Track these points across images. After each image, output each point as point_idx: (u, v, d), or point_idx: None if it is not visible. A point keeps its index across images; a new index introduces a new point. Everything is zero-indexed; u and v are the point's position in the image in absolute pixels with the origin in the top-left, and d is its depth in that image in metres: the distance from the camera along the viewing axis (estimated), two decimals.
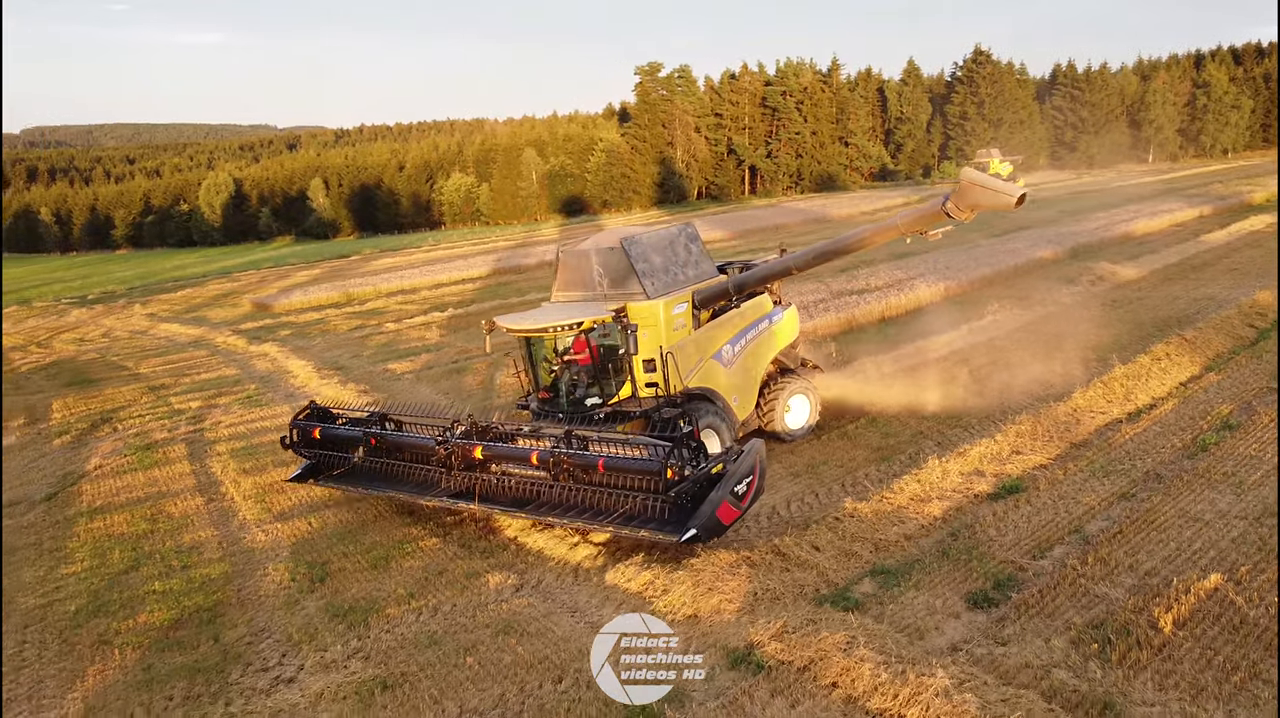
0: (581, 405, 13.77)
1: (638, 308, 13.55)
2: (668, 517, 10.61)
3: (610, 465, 11.10)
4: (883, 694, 7.88)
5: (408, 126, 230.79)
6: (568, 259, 14.73)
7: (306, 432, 14.62)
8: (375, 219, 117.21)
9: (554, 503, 11.74)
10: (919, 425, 15.83)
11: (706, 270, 15.29)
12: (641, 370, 13.68)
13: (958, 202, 11.52)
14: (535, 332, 13.71)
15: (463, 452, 12.48)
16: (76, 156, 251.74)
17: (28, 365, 34.87)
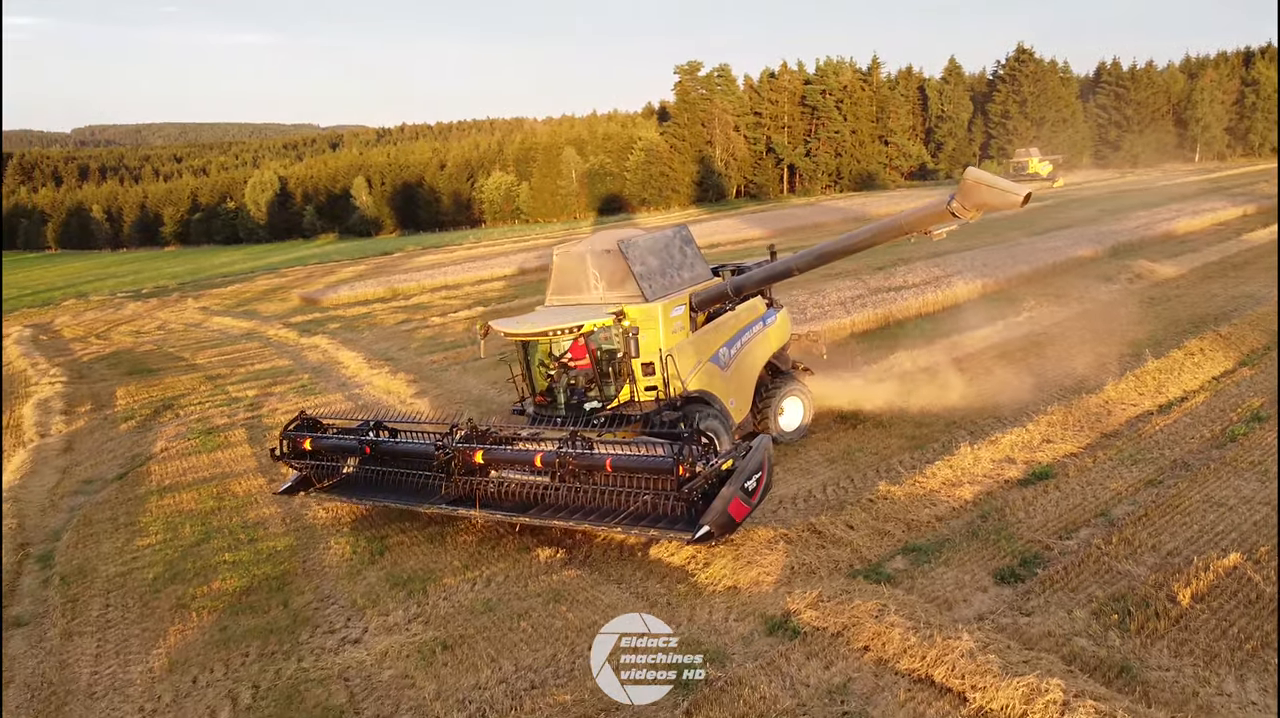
0: (580, 410, 13.63)
1: (636, 311, 13.42)
2: (680, 515, 10.58)
3: (618, 465, 11.01)
4: (911, 656, 8.42)
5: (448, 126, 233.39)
6: (562, 263, 14.57)
7: (296, 443, 14.22)
8: (417, 217, 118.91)
9: (558, 506, 11.62)
10: (952, 416, 16.26)
11: (702, 273, 15.24)
12: (641, 373, 13.58)
13: (963, 200, 11.37)
14: (533, 335, 13.57)
15: (463, 457, 12.30)
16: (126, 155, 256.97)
17: (89, 355, 36.22)
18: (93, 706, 9.76)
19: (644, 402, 13.54)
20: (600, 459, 11.12)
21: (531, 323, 13.67)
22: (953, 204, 11.48)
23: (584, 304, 14.00)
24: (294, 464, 14.26)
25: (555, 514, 11.57)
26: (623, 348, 13.28)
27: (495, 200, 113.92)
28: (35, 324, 49.03)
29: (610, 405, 13.57)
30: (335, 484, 14.07)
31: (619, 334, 13.24)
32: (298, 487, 14.26)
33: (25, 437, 22.30)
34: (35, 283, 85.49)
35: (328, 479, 14.09)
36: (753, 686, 8.43)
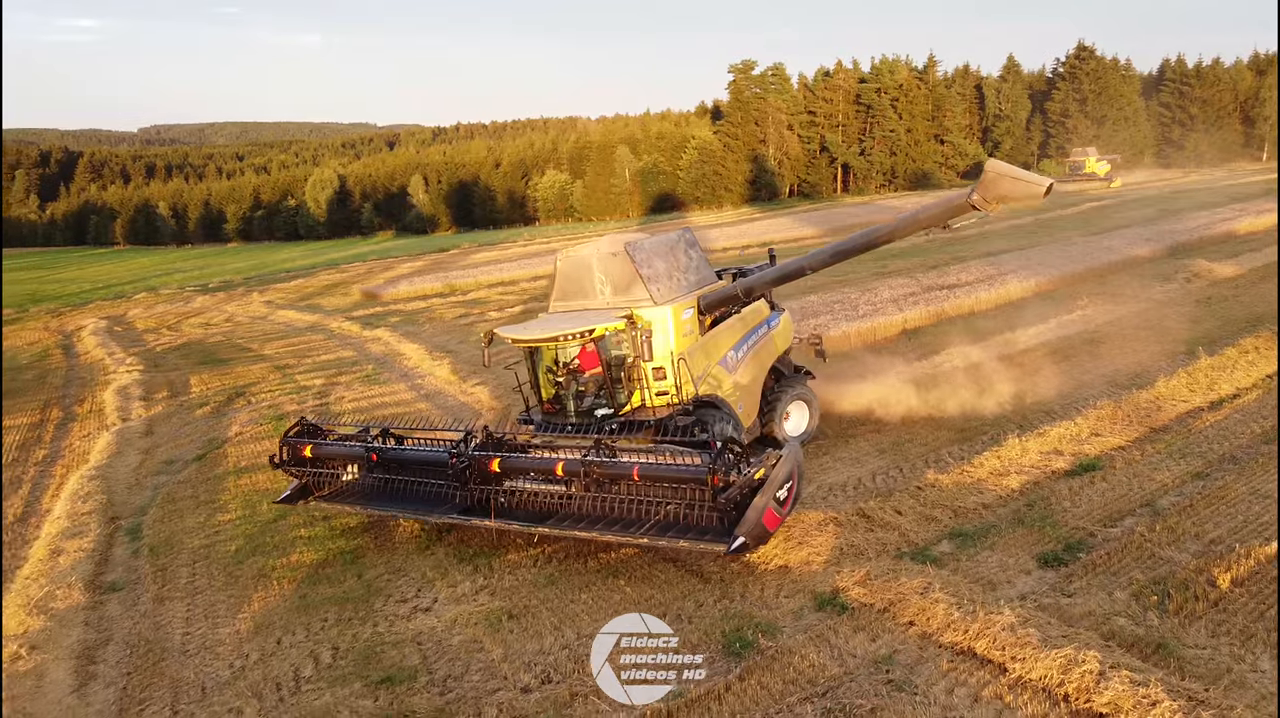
0: (590, 417, 13.36)
1: (646, 315, 13.14)
2: (711, 525, 10.23)
3: (646, 474, 10.63)
4: (954, 630, 8.83)
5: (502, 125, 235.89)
6: (567, 268, 14.25)
7: (297, 449, 13.85)
8: (472, 215, 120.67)
9: (578, 515, 11.28)
10: (1001, 409, 16.52)
11: (707, 276, 15.01)
12: (652, 378, 13.32)
13: (984, 193, 11.06)
14: (543, 341, 13.23)
15: (479, 465, 11.89)
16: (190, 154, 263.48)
17: (162, 346, 37.68)
18: (186, 662, 10.54)
19: (656, 407, 13.26)
20: (627, 467, 10.77)
21: (539, 329, 13.32)
22: (973, 197, 11.18)
23: (590, 309, 13.69)
24: (293, 472, 13.82)
25: (576, 524, 11.21)
26: (633, 352, 13.00)
27: (549, 199, 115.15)
28: (109, 316, 50.96)
29: (622, 412, 13.25)
30: (336, 493, 13.65)
31: (633, 338, 12.84)
32: (297, 495, 13.82)
33: (108, 420, 23.46)
34: (106, 277, 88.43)
35: (328, 487, 13.68)
36: (802, 654, 8.92)
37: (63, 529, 15.08)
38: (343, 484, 13.65)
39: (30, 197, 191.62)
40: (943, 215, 12.16)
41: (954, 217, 12.04)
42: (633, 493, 10.79)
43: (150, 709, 9.57)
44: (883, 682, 8.35)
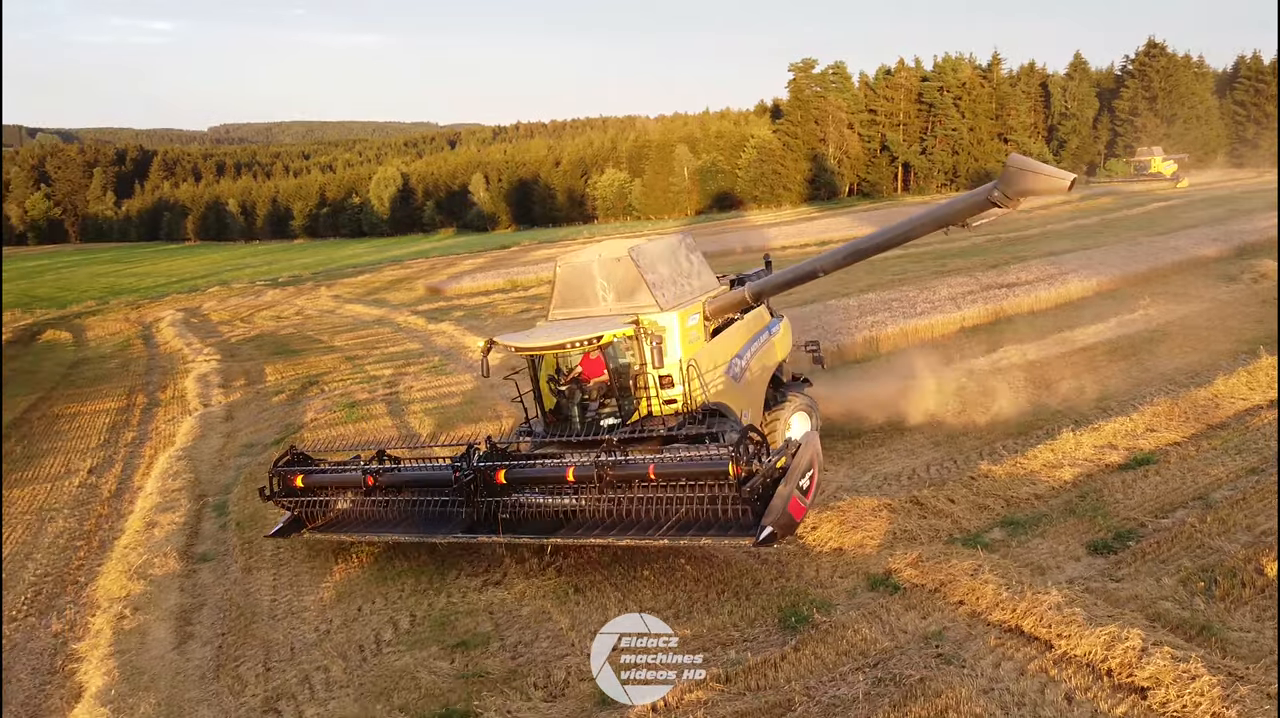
0: (596, 427, 12.88)
1: (651, 321, 12.78)
2: (734, 518, 9.92)
3: (664, 471, 10.33)
4: (1003, 609, 9.20)
5: (562, 124, 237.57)
6: (567, 274, 13.86)
7: (288, 480, 13.11)
8: (532, 213, 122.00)
9: (592, 522, 10.96)
10: (1058, 405, 16.69)
11: (709, 281, 14.67)
12: (658, 386, 12.91)
13: (1005, 189, 10.65)
14: (549, 349, 12.76)
15: (483, 478, 11.44)
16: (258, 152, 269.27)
17: (236, 337, 39.14)
18: (275, 626, 11.31)
19: (664, 415, 12.84)
20: (642, 466, 10.48)
21: (543, 336, 12.86)
22: (995, 193, 10.78)
23: (591, 317, 13.32)
24: (285, 504, 13.12)
25: (591, 531, 10.84)
26: (638, 359, 12.73)
27: (608, 197, 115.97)
28: (185, 309, 52.88)
29: (630, 420, 12.88)
30: (331, 522, 13.10)
31: (645, 344, 12.52)
32: (289, 528, 13.11)
33: (190, 406, 24.65)
34: (180, 272, 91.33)
35: (320, 517, 13.11)
36: (855, 628, 9.36)
37: (155, 504, 16.08)
38: (338, 513, 13.07)
39: (107, 194, 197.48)
40: (963, 212, 11.66)
41: (975, 213, 11.52)
42: (649, 493, 10.45)
43: (245, 666, 10.34)
44: (932, 655, 8.76)
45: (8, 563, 14.42)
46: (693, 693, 8.55)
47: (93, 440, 22.22)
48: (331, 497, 13.07)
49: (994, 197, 10.79)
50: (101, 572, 13.47)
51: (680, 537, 10.19)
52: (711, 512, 10.03)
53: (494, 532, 11.43)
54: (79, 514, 16.50)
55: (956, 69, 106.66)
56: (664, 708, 8.42)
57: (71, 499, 17.54)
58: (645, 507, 10.50)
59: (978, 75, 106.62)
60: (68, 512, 16.76)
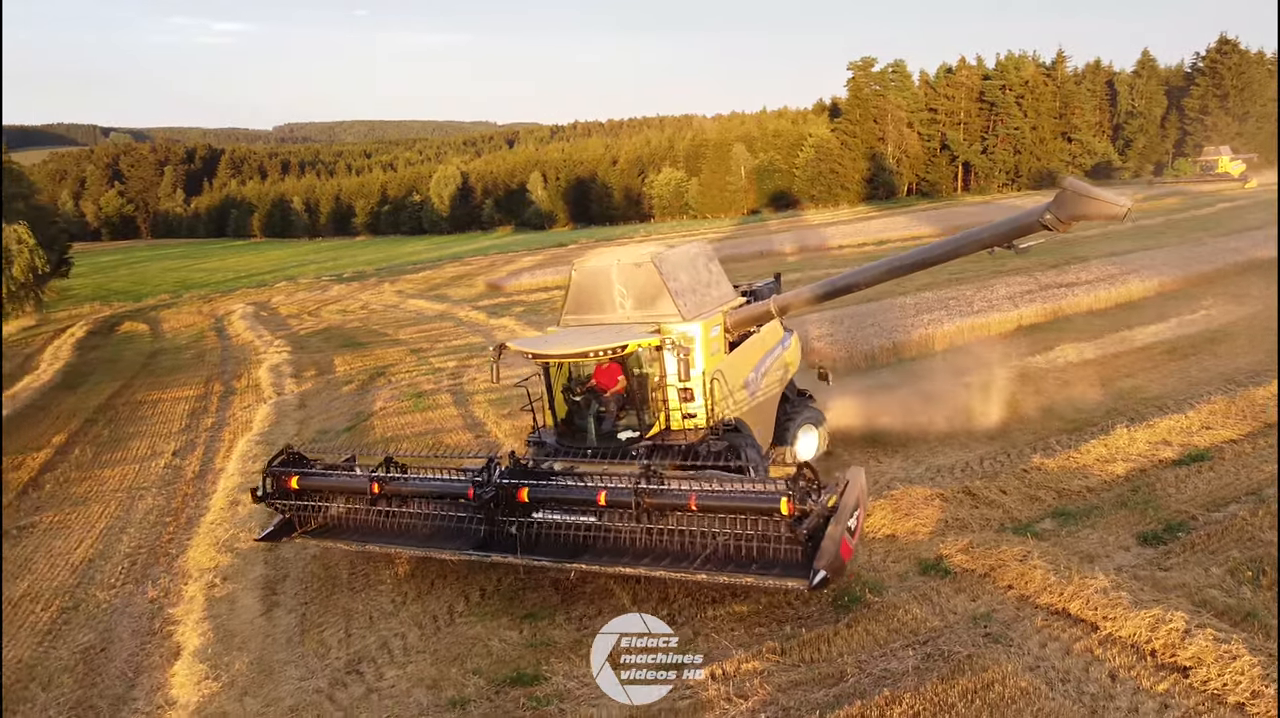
0: (613, 440, 12.49)
1: (682, 333, 12.38)
2: (787, 558, 9.35)
3: (707, 503, 9.74)
4: (1050, 592, 9.54)
5: (619, 123, 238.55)
6: (583, 279, 13.37)
7: (282, 481, 12.42)
8: (589, 211, 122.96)
9: (617, 549, 10.38)
10: (1114, 403, 16.82)
11: (727, 292, 14.22)
12: (678, 399, 12.49)
13: (1058, 212, 10.54)
14: (571, 357, 12.28)
15: (506, 494, 10.79)
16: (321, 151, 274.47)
17: (305, 330, 40.41)
18: (354, 596, 12.02)
19: (686, 430, 12.50)
20: (682, 496, 9.87)
21: (562, 343, 12.38)
22: (1047, 216, 10.67)
23: (607, 324, 12.91)
24: (279, 506, 12.41)
25: (617, 558, 10.29)
26: (658, 370, 12.36)
27: (665, 196, 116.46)
28: (254, 302, 54.54)
29: (650, 433, 12.48)
30: (326, 527, 12.44)
31: (673, 354, 12.06)
32: (281, 531, 12.44)
33: (264, 394, 25.69)
34: (247, 267, 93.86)
35: (313, 522, 12.45)
36: (906, 608, 9.76)
37: (237, 484, 16.96)
38: (333, 518, 12.42)
39: (177, 191, 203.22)
40: (1010, 234, 11.54)
41: (1022, 235, 11.42)
42: (688, 524, 9.89)
43: (327, 632, 11.04)
44: (980, 634, 9.13)
45: (104, 536, 15.39)
46: (750, 663, 9.04)
47: (175, 425, 23.33)
48: (330, 502, 12.37)
49: (1046, 220, 10.72)
50: (191, 545, 14.34)
51: (719, 572, 9.63)
52: (759, 549, 9.48)
53: (510, 551, 10.70)
54: (166, 493, 17.46)
55: (1019, 67, 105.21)
56: (722, 676, 8.91)
57: (158, 479, 18.54)
58: (682, 538, 9.97)
59: (1041, 73, 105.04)
60: (155, 490, 17.74)
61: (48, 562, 14.40)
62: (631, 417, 12.71)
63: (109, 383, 30.46)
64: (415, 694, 9.40)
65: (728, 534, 9.68)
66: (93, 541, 15.21)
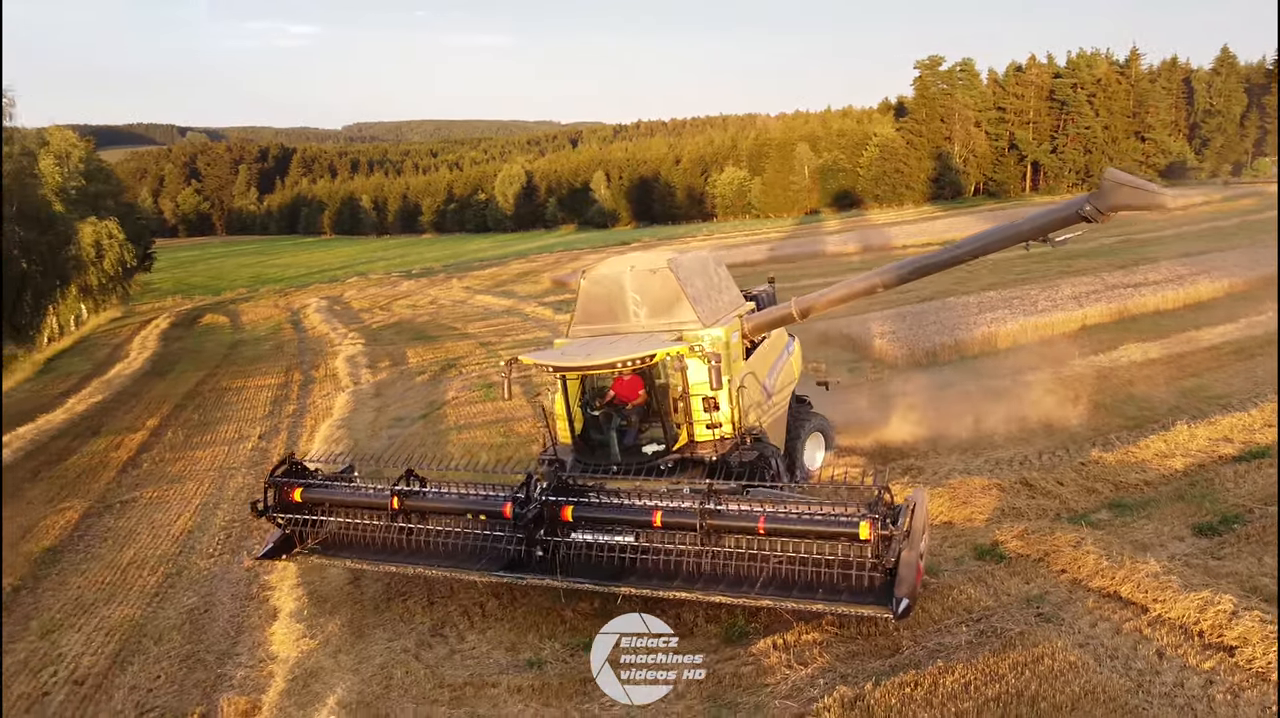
0: (638, 454, 11.97)
1: (715, 338, 12.02)
2: (864, 584, 8.88)
3: (777, 526, 9.28)
4: (1102, 576, 9.88)
5: (682, 122, 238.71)
6: (593, 288, 12.92)
7: (285, 493, 11.59)
8: (652, 210, 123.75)
9: (666, 572, 9.79)
10: (1176, 400, 16.92)
11: (736, 298, 13.91)
12: (701, 409, 11.93)
13: (1099, 203, 10.30)
14: (599, 368, 11.48)
15: (550, 512, 10.18)
16: (389, 150, 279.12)
17: (377, 323, 41.75)
18: None
19: (708, 442, 12.04)
20: (749, 517, 9.42)
21: (581, 354, 11.62)
22: (1087, 207, 10.40)
23: (619, 334, 12.45)
24: (280, 521, 11.57)
25: (667, 582, 9.72)
26: (679, 380, 11.84)
27: (728, 195, 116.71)
28: (328, 297, 56.27)
29: (676, 446, 12.04)
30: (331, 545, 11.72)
31: (705, 362, 11.55)
32: (281, 548, 11.65)
33: (342, 383, 26.80)
34: (318, 263, 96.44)
35: (311, 538, 11.71)
36: (960, 589, 10.18)
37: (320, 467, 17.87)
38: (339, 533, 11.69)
39: (250, 189, 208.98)
40: (1050, 226, 11.13)
41: (1061, 228, 11.01)
42: (751, 547, 9.46)
43: (411, 600, 11.79)
44: (1033, 614, 9.53)
45: (200, 510, 16.44)
46: (809, 634, 9.55)
47: (259, 411, 24.51)
48: (340, 516, 11.63)
49: (1086, 211, 10.41)
50: None
51: (785, 597, 9.23)
52: (835, 575, 9.03)
53: (547, 573, 10.11)
54: (255, 472, 18.49)
55: (1092, 65, 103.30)
56: (783, 646, 9.44)
57: (247, 460, 19.62)
58: (743, 562, 9.47)
59: (1114, 71, 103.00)
60: (245, 470, 18.79)
61: (150, 533, 15.46)
62: (654, 430, 12.26)
63: (195, 371, 31.94)
64: (495, 656, 10.10)
65: (794, 557, 9.24)
66: (190, 514, 16.26)
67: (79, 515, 16.66)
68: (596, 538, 10.05)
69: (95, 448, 21.78)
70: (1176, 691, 7.98)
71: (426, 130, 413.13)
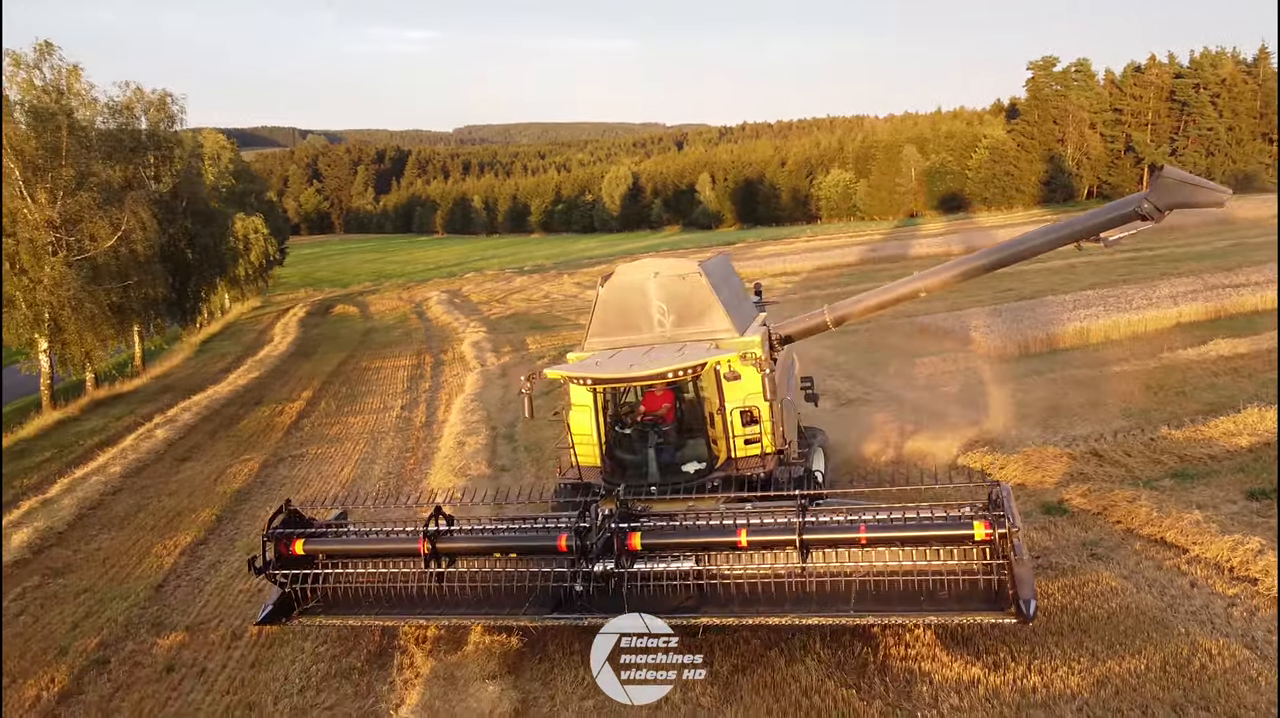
0: (677, 474, 11.10)
1: (743, 346, 11.33)
2: (982, 589, 8.49)
3: (879, 534, 8.77)
4: (1152, 525, 11.28)
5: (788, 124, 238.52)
6: (613, 296, 12.07)
7: (285, 546, 10.14)
8: (756, 212, 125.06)
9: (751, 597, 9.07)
10: (1256, 390, 17.78)
11: (751, 306, 13.60)
12: (740, 424, 11.23)
13: (1157, 199, 10.37)
14: (649, 378, 10.69)
15: (617, 541, 9.22)
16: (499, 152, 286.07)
17: (495, 314, 44.58)
18: None
19: (752, 457, 11.33)
20: (849, 527, 8.86)
21: (621, 365, 10.81)
22: (1144, 204, 10.47)
23: (641, 344, 11.70)
24: (280, 579, 10.05)
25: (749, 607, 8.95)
26: (714, 393, 11.29)
27: (833, 197, 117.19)
28: (448, 290, 59.65)
29: (719, 463, 11.35)
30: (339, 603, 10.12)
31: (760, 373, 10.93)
32: (281, 610, 10.10)
33: (469, 364, 29.39)
34: (434, 260, 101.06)
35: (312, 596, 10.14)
36: (1024, 534, 11.62)
37: (460, 431, 20.27)
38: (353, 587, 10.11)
39: (368, 189, 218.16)
40: (1105, 224, 11.15)
41: (1118, 225, 11.03)
42: (841, 560, 8.84)
43: None
44: (1086, 555, 11.01)
45: (359, 464, 18.98)
46: None
47: (398, 387, 27.21)
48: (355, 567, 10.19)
49: (1143, 209, 10.50)
50: (430, 472, 17.63)
51: (890, 612, 8.68)
52: (948, 583, 8.56)
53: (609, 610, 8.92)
54: (402, 436, 21.00)
55: (1216, 64, 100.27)
56: None
57: (393, 426, 22.18)
58: (839, 582, 8.79)
59: (1241, 71, 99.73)
60: (393, 434, 21.33)
61: (320, 480, 18.03)
62: (692, 447, 11.51)
63: (335, 353, 35.11)
64: None
65: (903, 569, 8.70)
66: (351, 467, 18.80)
67: (259, 466, 19.41)
68: (664, 567, 9.15)
69: (261, 414, 24.77)
70: (1202, 610, 9.41)
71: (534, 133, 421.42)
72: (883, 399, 19.93)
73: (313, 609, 10.13)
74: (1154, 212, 10.53)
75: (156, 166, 36.08)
